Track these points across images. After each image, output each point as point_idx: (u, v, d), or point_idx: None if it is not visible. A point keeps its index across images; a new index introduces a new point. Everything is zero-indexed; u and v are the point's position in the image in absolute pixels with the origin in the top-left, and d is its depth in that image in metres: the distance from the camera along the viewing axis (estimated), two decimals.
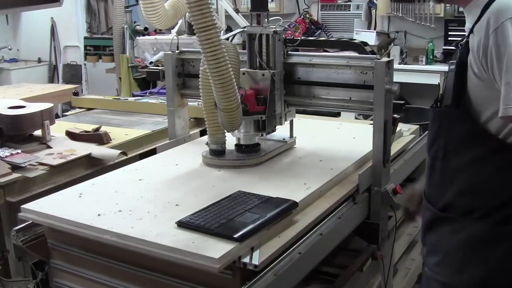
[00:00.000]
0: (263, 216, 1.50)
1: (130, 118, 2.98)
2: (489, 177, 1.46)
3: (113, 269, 1.57)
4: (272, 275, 1.41)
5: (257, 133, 2.05)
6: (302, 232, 1.57)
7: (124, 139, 2.53)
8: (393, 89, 1.86)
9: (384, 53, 1.90)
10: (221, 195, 1.67)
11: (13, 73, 6.80)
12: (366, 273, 1.91)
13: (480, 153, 1.46)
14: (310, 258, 1.59)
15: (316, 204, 1.73)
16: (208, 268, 1.32)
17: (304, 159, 2.08)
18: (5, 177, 2.02)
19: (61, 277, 1.71)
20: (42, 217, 1.62)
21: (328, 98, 2.06)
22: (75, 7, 6.77)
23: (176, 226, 1.47)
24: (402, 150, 2.30)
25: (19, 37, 7.37)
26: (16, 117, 2.35)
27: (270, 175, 1.92)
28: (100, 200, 1.69)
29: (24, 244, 1.66)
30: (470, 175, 1.49)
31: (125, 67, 4.48)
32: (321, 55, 2.23)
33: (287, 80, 2.09)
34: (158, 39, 4.06)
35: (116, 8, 4.68)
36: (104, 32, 6.74)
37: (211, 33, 1.72)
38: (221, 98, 1.81)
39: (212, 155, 2.03)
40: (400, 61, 5.38)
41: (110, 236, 1.47)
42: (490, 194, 1.47)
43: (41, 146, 2.36)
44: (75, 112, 3.23)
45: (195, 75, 2.16)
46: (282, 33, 2.05)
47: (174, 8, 2.30)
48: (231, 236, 1.39)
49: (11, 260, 2.03)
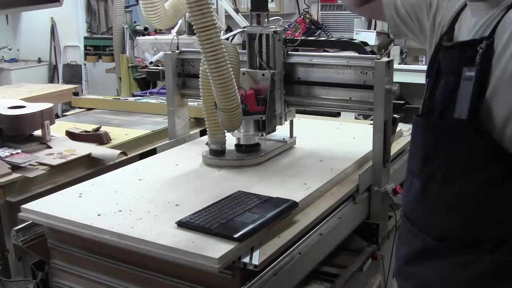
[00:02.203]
0: (263, 216, 1.50)
1: (130, 118, 2.99)
2: (505, 203, 1.25)
3: (113, 269, 1.57)
4: (272, 275, 1.41)
5: (257, 133, 2.05)
6: (302, 232, 1.57)
7: (124, 139, 2.53)
8: (393, 89, 1.86)
9: (384, 53, 1.90)
10: (221, 195, 1.66)
11: (13, 73, 6.79)
12: (366, 273, 1.91)
13: (495, 175, 1.25)
14: (310, 258, 1.59)
15: (316, 204, 1.73)
16: (208, 268, 1.32)
17: (304, 159, 2.08)
18: (5, 177, 2.03)
19: (61, 277, 1.71)
20: (42, 217, 1.62)
21: (328, 98, 2.07)
22: (75, 7, 6.76)
23: (176, 226, 1.47)
24: (402, 150, 2.30)
25: (19, 37, 7.36)
26: (16, 117, 2.35)
27: (270, 175, 1.91)
28: (100, 200, 1.69)
29: (24, 244, 1.66)
30: (480, 201, 1.27)
31: (125, 67, 4.48)
32: (321, 55, 2.24)
33: (287, 80, 2.09)
34: (158, 39, 4.06)
35: (116, 8, 4.68)
36: (104, 32, 6.73)
37: (211, 33, 1.72)
38: (221, 98, 1.81)
39: (212, 155, 2.03)
40: (400, 61, 5.37)
41: (110, 236, 1.47)
42: (504, 223, 1.26)
43: (41, 146, 2.37)
44: (75, 112, 3.23)
45: (195, 75, 2.16)
46: (282, 33, 2.05)
47: (174, 8, 2.30)
48: (231, 236, 1.39)
49: (11, 260, 2.03)
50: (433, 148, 1.33)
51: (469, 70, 1.26)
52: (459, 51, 1.33)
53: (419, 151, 1.38)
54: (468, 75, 1.27)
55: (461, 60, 1.30)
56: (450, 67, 1.36)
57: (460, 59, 1.31)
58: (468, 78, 1.26)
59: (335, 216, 1.75)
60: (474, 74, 1.25)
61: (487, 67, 1.24)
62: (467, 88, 1.26)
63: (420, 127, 1.40)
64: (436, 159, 1.32)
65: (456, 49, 1.35)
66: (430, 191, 1.36)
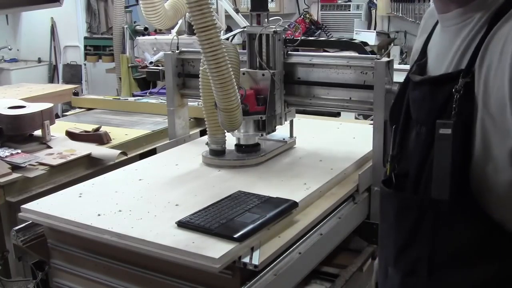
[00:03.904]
0: (263, 216, 1.50)
1: (130, 118, 2.98)
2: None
3: (113, 269, 1.57)
4: (272, 275, 1.41)
5: (257, 133, 2.05)
6: (302, 232, 1.57)
7: (124, 139, 2.53)
8: (393, 89, 1.86)
9: (384, 53, 1.90)
10: (221, 195, 1.66)
11: (13, 73, 6.79)
12: (366, 273, 1.90)
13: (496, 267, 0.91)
14: (310, 258, 1.59)
15: (316, 204, 1.73)
16: (208, 268, 1.32)
17: (304, 159, 2.08)
18: (5, 177, 2.02)
19: (61, 277, 1.71)
20: (42, 217, 1.62)
21: (328, 98, 2.07)
22: (75, 7, 6.77)
23: (176, 226, 1.47)
24: None
25: (19, 37, 7.36)
26: (16, 117, 2.35)
27: (270, 175, 1.91)
28: (100, 200, 1.69)
29: (24, 244, 1.66)
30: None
31: (125, 67, 4.48)
32: (321, 55, 2.23)
33: (287, 80, 2.09)
34: (158, 39, 4.06)
35: (116, 8, 4.68)
36: (104, 32, 6.74)
37: (211, 33, 1.71)
38: (221, 98, 1.81)
39: (212, 155, 2.03)
40: (400, 61, 5.38)
41: (110, 236, 1.47)
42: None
43: (41, 146, 2.36)
44: (75, 112, 3.23)
45: (195, 75, 2.17)
46: (282, 33, 2.05)
47: (174, 8, 2.30)
48: (231, 236, 1.39)
49: (11, 260, 2.03)
50: (412, 232, 0.97)
51: (444, 126, 0.89)
52: (429, 92, 0.96)
53: (393, 234, 1.03)
54: (443, 133, 0.89)
55: (433, 105, 0.93)
56: (420, 114, 0.99)
57: (432, 103, 0.94)
58: (444, 137, 0.89)
59: (335, 216, 1.74)
60: (451, 132, 0.88)
61: (469, 117, 0.87)
62: (444, 154, 0.89)
63: (389, 202, 1.05)
64: (417, 247, 0.97)
65: (425, 88, 0.98)
66: (409, 286, 1.03)
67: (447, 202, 0.89)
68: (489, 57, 0.85)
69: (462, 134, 0.87)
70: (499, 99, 0.83)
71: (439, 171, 0.89)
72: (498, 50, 0.84)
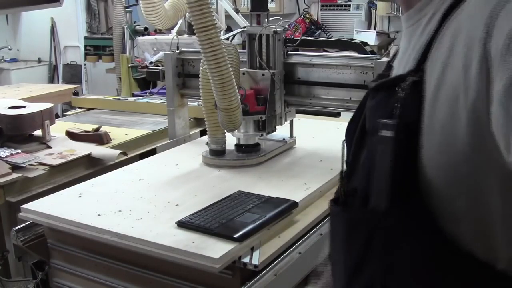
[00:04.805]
0: (263, 216, 1.50)
1: (130, 118, 2.98)
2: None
3: (113, 269, 1.57)
4: (272, 275, 1.41)
5: (257, 133, 2.05)
6: (302, 232, 1.57)
7: (124, 139, 2.53)
8: None
9: (384, 53, 1.90)
10: (221, 195, 1.67)
11: (13, 73, 6.79)
12: None
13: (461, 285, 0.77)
14: (310, 258, 1.59)
15: (316, 204, 1.73)
16: (208, 268, 1.32)
17: (304, 159, 2.08)
18: (5, 177, 2.02)
19: (61, 277, 1.71)
20: (42, 217, 1.62)
21: (328, 98, 2.07)
22: (75, 7, 6.76)
23: (176, 226, 1.47)
24: None
25: (19, 37, 7.36)
26: (16, 117, 2.35)
27: (270, 175, 1.91)
28: (100, 200, 1.69)
29: (24, 244, 1.66)
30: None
31: (125, 67, 4.47)
32: (321, 55, 2.23)
33: (287, 80, 2.09)
34: (158, 39, 4.05)
35: (116, 8, 4.68)
36: (104, 32, 6.73)
37: (211, 33, 1.72)
38: (221, 98, 1.81)
39: (212, 155, 2.03)
40: None
41: (110, 236, 1.47)
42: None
43: (41, 146, 2.36)
44: (75, 112, 3.23)
45: (195, 75, 2.17)
46: (282, 33, 2.05)
47: (174, 8, 2.30)
48: (231, 236, 1.39)
49: (11, 260, 2.03)
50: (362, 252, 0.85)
51: (385, 127, 0.78)
52: (384, 97, 0.85)
53: (343, 254, 0.91)
54: (384, 136, 0.78)
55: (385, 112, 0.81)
56: (371, 123, 0.87)
57: (384, 110, 0.82)
58: (384, 139, 0.78)
59: None
60: (390, 134, 0.78)
61: (412, 117, 0.76)
62: (384, 158, 0.78)
63: (338, 220, 0.95)
64: (368, 268, 0.84)
65: (381, 94, 0.87)
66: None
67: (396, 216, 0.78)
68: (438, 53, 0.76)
69: (404, 137, 0.77)
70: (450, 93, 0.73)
71: (378, 177, 0.80)
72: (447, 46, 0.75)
